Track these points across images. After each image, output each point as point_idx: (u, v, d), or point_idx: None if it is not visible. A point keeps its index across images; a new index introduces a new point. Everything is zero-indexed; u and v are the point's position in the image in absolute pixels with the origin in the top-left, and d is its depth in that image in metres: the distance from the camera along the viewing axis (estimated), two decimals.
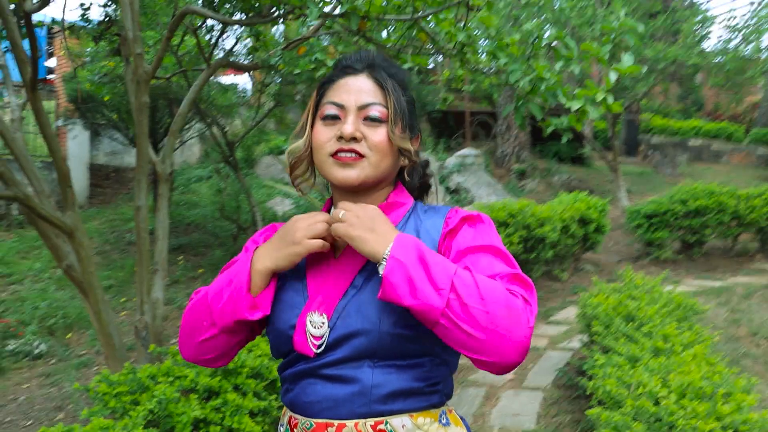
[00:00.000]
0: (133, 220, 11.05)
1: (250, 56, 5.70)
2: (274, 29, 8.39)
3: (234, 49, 6.23)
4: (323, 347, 1.15)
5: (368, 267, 1.18)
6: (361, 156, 1.19)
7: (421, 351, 1.15)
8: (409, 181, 1.32)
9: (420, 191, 1.38)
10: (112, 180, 12.23)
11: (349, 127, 1.18)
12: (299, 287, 1.23)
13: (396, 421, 1.13)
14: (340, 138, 1.19)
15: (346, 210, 1.14)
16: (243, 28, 5.72)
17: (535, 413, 4.11)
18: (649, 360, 3.15)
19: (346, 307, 1.16)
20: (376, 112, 1.20)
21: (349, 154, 1.19)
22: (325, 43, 5.52)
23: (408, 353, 1.14)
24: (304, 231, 1.16)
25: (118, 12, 4.72)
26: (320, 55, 4.97)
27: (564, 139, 3.31)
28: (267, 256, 1.18)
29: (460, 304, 1.00)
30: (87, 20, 5.39)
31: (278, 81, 7.04)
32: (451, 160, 11.82)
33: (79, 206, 11.62)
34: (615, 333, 3.68)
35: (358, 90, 1.21)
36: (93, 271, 3.97)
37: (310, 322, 1.17)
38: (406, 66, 3.49)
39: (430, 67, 14.41)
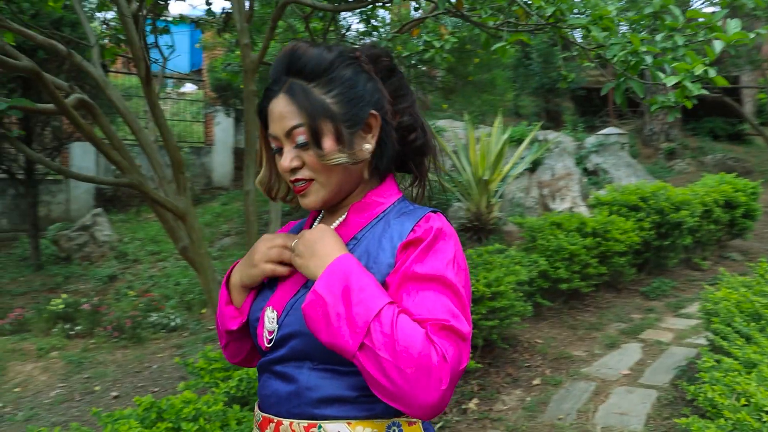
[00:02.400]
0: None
1: (362, 40, 5.73)
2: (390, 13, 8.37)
3: (346, 34, 6.27)
4: (272, 343, 1.16)
5: None
6: (310, 180, 1.16)
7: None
8: (382, 170, 1.21)
9: (415, 158, 1.25)
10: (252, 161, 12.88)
11: (284, 162, 1.15)
12: (273, 281, 1.23)
13: (331, 426, 1.10)
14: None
15: (300, 238, 1.14)
16: (355, 13, 5.75)
17: (644, 414, 3.82)
18: (766, 367, 2.81)
19: (294, 306, 1.14)
20: (301, 136, 1.13)
21: (298, 184, 1.17)
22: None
23: (344, 360, 1.07)
24: (261, 255, 1.19)
25: None
26: (428, 37, 4.89)
27: (671, 117, 3.00)
28: (238, 271, 1.24)
29: (371, 352, 0.98)
30: (211, 14, 5.68)
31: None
32: (590, 140, 11.22)
33: (223, 189, 12.34)
34: (733, 333, 3.32)
35: (279, 116, 1.14)
36: (204, 252, 4.20)
37: (267, 316, 1.18)
38: (497, 46, 3.32)
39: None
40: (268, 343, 1.16)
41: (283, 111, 1.14)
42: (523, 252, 5.75)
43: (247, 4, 4.50)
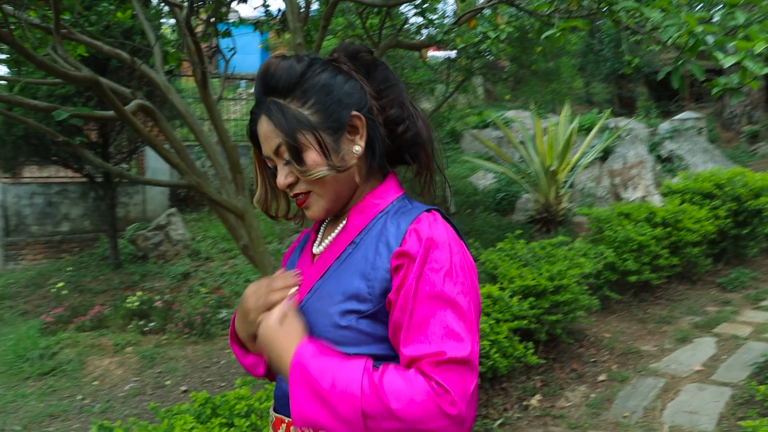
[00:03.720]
0: None
1: (423, 33, 5.70)
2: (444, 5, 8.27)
3: (404, 28, 6.24)
4: None
5: (331, 268, 1.14)
6: (307, 192, 1.15)
7: None
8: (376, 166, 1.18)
9: (409, 150, 1.19)
10: None
11: (279, 179, 1.15)
12: None
13: None
14: None
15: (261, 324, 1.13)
16: (409, 7, 5.72)
17: (717, 413, 3.64)
18: None
19: (303, 313, 1.13)
20: (286, 154, 1.13)
21: (298, 198, 1.16)
22: None
23: None
24: (255, 312, 1.16)
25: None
26: (482, 28, 4.81)
27: (734, 101, 2.84)
28: (241, 329, 1.22)
29: (376, 424, 0.98)
30: (269, 15, 5.77)
31: (452, 55, 6.94)
32: (664, 126, 10.78)
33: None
34: None
35: (265, 137, 1.14)
36: (264, 250, 4.27)
37: None
38: (549, 33, 3.23)
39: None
40: None
41: (266, 132, 1.14)
42: (589, 244, 5.59)
43: (302, 3, 4.55)
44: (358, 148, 1.13)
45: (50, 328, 6.44)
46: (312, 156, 1.11)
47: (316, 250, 1.22)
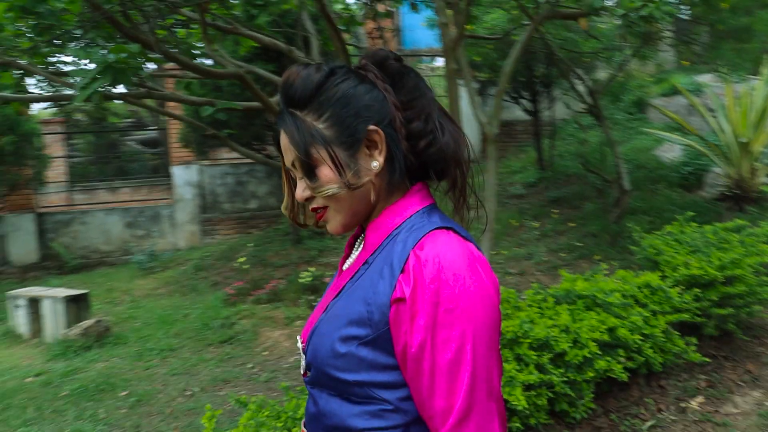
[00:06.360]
0: (519, 173, 11.29)
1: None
2: None
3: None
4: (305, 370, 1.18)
5: (345, 287, 1.11)
6: (324, 207, 1.12)
7: (363, 395, 1.05)
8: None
9: (435, 166, 1.12)
10: (502, 134, 12.79)
11: (297, 193, 1.13)
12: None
13: None
14: None
15: None
16: None
17: None
18: None
19: (312, 337, 1.12)
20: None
21: (317, 212, 1.14)
22: None
23: (351, 393, 1.05)
24: None
25: None
26: None
27: None
28: None
29: None
30: None
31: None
32: None
33: (474, 160, 12.91)
34: None
35: (284, 150, 1.12)
36: None
37: (299, 346, 1.20)
38: None
39: None
40: (303, 370, 1.19)
41: (284, 145, 1.12)
42: None
43: None
44: (376, 163, 1.08)
45: (231, 299, 7.05)
46: (325, 172, 1.08)
47: (345, 266, 1.20)
